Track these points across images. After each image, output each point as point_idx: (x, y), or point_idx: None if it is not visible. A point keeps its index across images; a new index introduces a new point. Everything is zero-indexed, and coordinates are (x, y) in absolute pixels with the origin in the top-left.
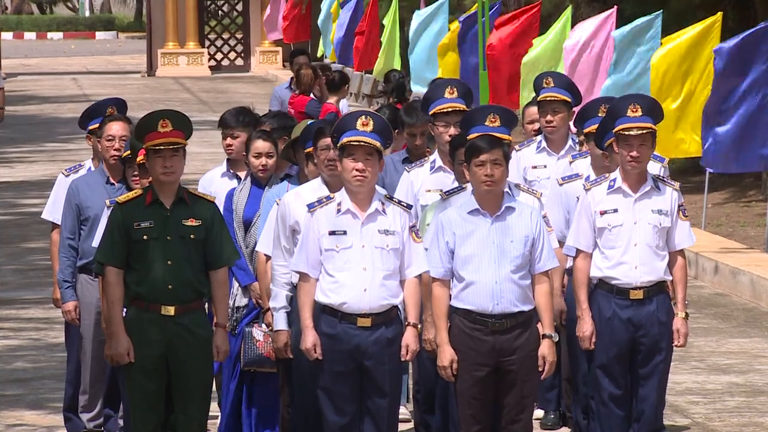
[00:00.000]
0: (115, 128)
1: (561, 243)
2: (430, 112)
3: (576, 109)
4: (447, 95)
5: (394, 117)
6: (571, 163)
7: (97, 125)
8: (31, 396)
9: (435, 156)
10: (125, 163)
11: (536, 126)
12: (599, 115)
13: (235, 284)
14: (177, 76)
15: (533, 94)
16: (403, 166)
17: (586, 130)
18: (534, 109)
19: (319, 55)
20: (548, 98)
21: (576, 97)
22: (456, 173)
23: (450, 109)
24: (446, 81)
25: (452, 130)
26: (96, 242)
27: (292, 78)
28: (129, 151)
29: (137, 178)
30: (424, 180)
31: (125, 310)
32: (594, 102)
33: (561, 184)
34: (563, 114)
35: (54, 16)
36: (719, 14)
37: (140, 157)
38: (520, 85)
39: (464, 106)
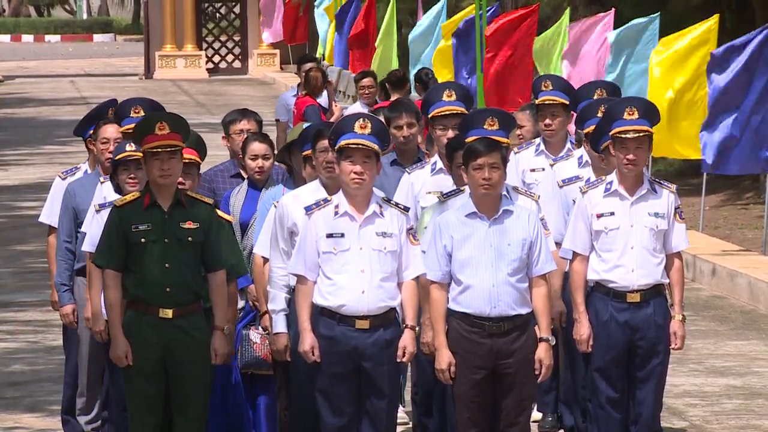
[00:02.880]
0: (110, 131)
1: (560, 245)
2: (429, 115)
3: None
4: (445, 98)
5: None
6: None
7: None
8: (28, 399)
9: (436, 158)
10: (117, 166)
11: (518, 131)
12: (598, 115)
13: None
14: (174, 78)
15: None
16: (392, 169)
17: (585, 131)
18: (521, 115)
19: (317, 56)
20: (547, 101)
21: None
22: (454, 176)
23: (448, 112)
24: (445, 84)
25: (450, 133)
26: (85, 246)
27: (298, 84)
28: (124, 154)
29: (133, 180)
30: (425, 182)
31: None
32: (594, 103)
33: (561, 186)
34: (562, 117)
35: (52, 18)
36: (716, 16)
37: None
38: (519, 88)
39: (463, 109)
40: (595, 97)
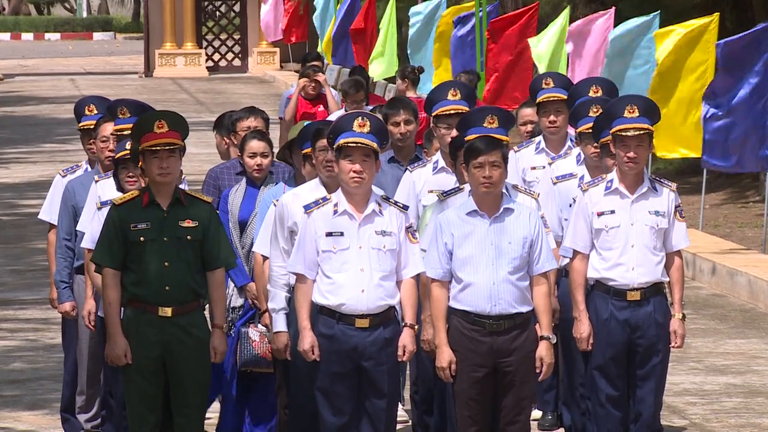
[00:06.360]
0: (110, 129)
1: (557, 242)
2: (433, 114)
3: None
4: (450, 97)
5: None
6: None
7: (86, 123)
8: (28, 397)
9: (437, 157)
10: (118, 165)
11: (530, 128)
12: (590, 115)
13: (231, 285)
14: (174, 76)
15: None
16: (389, 166)
17: (578, 130)
18: (528, 111)
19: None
20: (550, 98)
21: None
22: (457, 174)
23: (453, 111)
24: (449, 83)
25: (455, 133)
26: (84, 243)
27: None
28: (123, 152)
29: (132, 179)
30: (427, 180)
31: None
32: (586, 101)
33: (555, 183)
34: (565, 114)
35: (51, 16)
36: (716, 15)
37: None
38: (517, 86)
39: (467, 108)
40: (591, 95)
